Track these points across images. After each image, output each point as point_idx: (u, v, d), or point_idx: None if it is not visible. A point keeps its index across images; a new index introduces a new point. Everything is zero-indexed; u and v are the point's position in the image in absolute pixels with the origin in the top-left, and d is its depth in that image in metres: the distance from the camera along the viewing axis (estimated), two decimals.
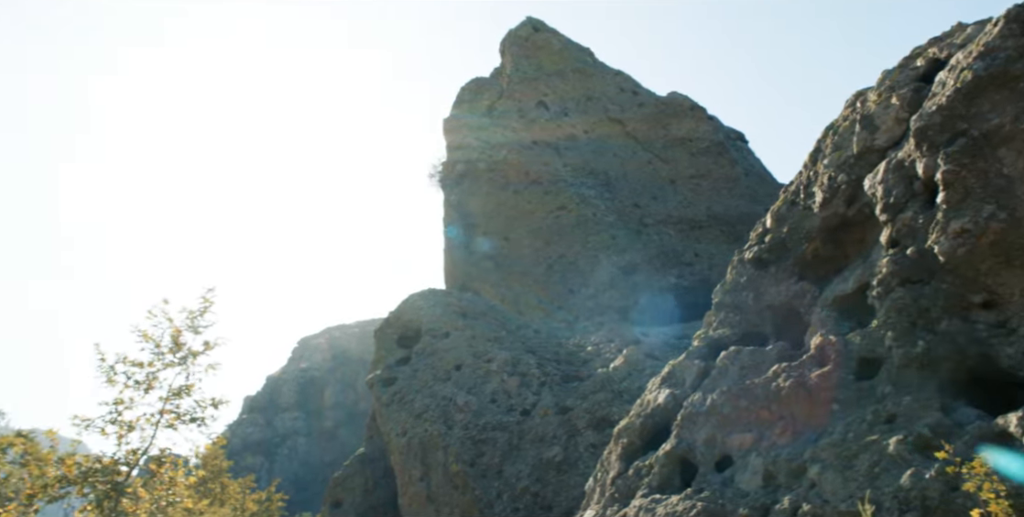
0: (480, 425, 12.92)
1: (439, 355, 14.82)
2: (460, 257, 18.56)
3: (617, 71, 20.90)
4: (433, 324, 15.64)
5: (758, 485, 6.69)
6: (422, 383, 14.57)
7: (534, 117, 19.81)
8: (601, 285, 17.04)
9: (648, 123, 19.72)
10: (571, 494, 11.07)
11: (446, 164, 19.80)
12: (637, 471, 8.32)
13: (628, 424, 8.91)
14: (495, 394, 13.28)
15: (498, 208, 18.54)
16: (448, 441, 12.99)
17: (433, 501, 12.95)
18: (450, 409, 13.55)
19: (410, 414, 14.20)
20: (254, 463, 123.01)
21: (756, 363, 7.72)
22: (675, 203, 18.41)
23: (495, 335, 14.76)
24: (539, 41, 21.13)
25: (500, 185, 18.58)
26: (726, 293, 9.03)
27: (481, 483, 12.13)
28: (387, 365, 15.75)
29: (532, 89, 20.41)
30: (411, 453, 13.70)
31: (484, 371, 13.81)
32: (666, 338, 13.75)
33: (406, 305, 16.56)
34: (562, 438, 11.80)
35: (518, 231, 18.31)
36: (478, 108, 20.28)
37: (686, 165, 19.21)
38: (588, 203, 17.95)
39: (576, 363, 13.71)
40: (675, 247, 17.50)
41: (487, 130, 19.43)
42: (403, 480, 13.99)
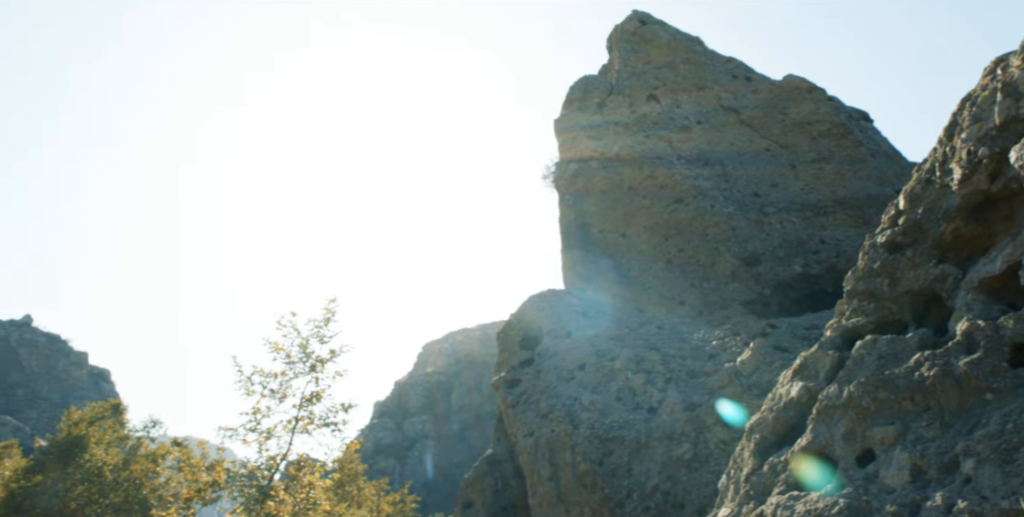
0: (607, 424, 12.83)
1: (562, 355, 14.81)
2: (578, 255, 18.51)
3: (728, 58, 20.33)
4: (554, 325, 15.65)
5: (905, 481, 6.33)
6: (546, 384, 14.60)
7: (645, 111, 19.53)
8: (723, 278, 16.59)
9: (764, 109, 19.07)
10: (703, 492, 10.82)
11: (559, 164, 19.80)
12: (772, 467, 8.03)
13: (760, 419, 8.62)
14: (620, 392, 13.15)
15: (613, 205, 18.38)
16: (575, 440, 12.96)
17: (563, 500, 12.94)
18: (575, 409, 13.51)
19: (536, 415, 14.24)
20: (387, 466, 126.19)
21: (896, 352, 7.31)
22: (797, 189, 17.72)
23: (617, 333, 14.63)
24: (646, 34, 20.82)
25: (614, 182, 18.41)
26: (858, 280, 8.60)
27: (610, 482, 12.04)
28: (511, 367, 15.87)
29: (642, 83, 20.13)
30: (539, 453, 13.74)
31: (608, 370, 13.71)
32: (794, 329, 13.24)
33: (526, 307, 16.66)
34: (691, 435, 11.56)
35: (635, 227, 18.08)
36: (588, 106, 20.17)
37: (807, 149, 18.46)
38: (705, 195, 17.53)
39: (701, 358, 13.40)
40: (799, 235, 16.84)
41: (598, 127, 19.31)
42: (532, 480, 14.05)
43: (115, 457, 32.89)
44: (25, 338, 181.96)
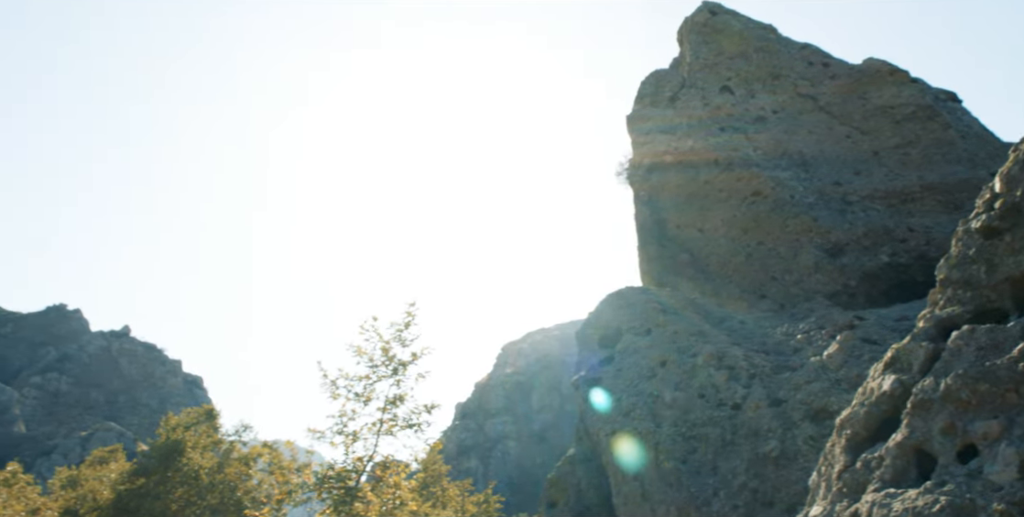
0: (690, 421, 12.63)
1: (642, 353, 14.65)
2: (654, 252, 18.27)
3: (804, 44, 19.76)
4: (633, 322, 15.49)
5: (1013, 477, 6.02)
6: (627, 382, 14.46)
7: (719, 103, 19.16)
8: (806, 270, 16.14)
9: (843, 95, 18.46)
10: (792, 489, 10.54)
11: (632, 160, 19.59)
12: (866, 464, 7.75)
13: (851, 414, 8.33)
14: (703, 389, 12.92)
15: (689, 200, 18.09)
16: (658, 438, 12.80)
17: (648, 499, 12.79)
18: (658, 406, 13.35)
19: (618, 413, 14.13)
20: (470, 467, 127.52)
21: (996, 342, 6.96)
22: (881, 176, 17.08)
23: (698, 329, 14.39)
24: (717, 24, 20.43)
25: (689, 176, 18.11)
26: (952, 268, 8.23)
27: (695, 480, 11.84)
28: (591, 366, 15.79)
29: (714, 74, 19.76)
30: None
31: (690, 366, 13.49)
32: (884, 321, 12.77)
33: (604, 305, 16.54)
34: (777, 431, 11.27)
35: (712, 221, 17.75)
36: (660, 100, 19.90)
37: (890, 134, 17.78)
38: (784, 186, 17.08)
39: (786, 353, 13.06)
40: (885, 223, 16.23)
41: (671, 121, 19.03)
42: (616, 479, 13.94)
43: (210, 460, 34.10)
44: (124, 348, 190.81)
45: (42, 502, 31.80)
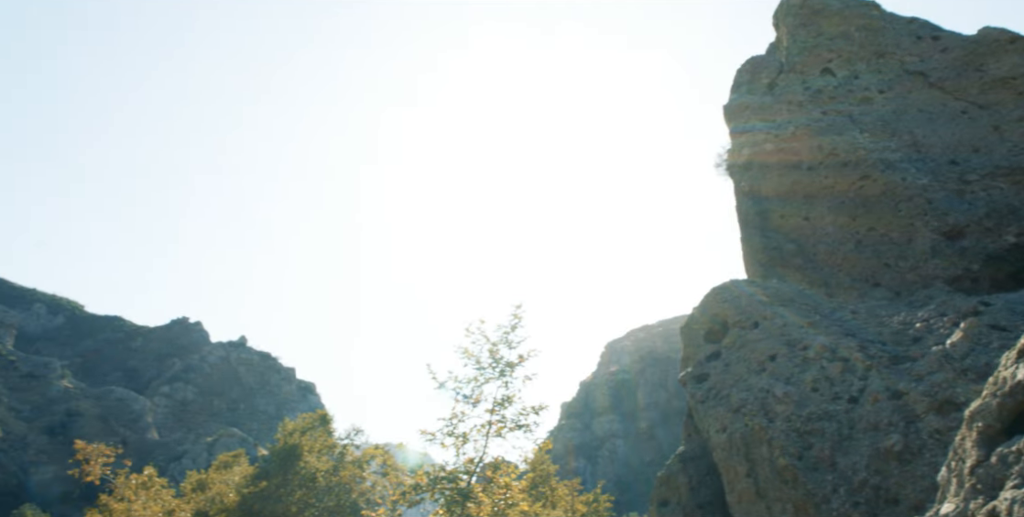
0: (804, 416, 12.19)
1: (750, 347, 14.24)
2: (758, 243, 17.75)
3: (910, 18, 18.78)
4: (740, 316, 15.09)
5: None
6: (736, 377, 14.09)
7: (820, 87, 18.43)
8: (922, 255, 15.33)
9: (956, 69, 17.44)
10: (919, 485, 10.00)
11: (731, 150, 19.09)
12: (1002, 459, 7.28)
13: (982, 406, 7.85)
14: (816, 382, 12.45)
15: (793, 188, 17.47)
16: (771, 434, 12.42)
17: (763, 497, 12.42)
18: (769, 401, 12.95)
19: (728, 409, 13.78)
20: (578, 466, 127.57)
21: None
22: (1003, 152, 16.05)
23: (808, 321, 13.88)
24: (815, 5, 19.66)
25: (792, 164, 17.50)
26: None
27: (812, 477, 11.41)
28: (697, 361, 15.47)
29: (814, 57, 19.03)
30: (733, 449, 13.28)
31: (801, 359, 13.03)
32: (1013, 306, 11.99)
33: (709, 299, 16.17)
34: (899, 425, 10.73)
35: (818, 209, 17.09)
36: (757, 88, 19.32)
37: (1012, 107, 16.67)
38: (895, 168, 16.27)
39: (904, 343, 12.43)
40: (1010, 202, 15.23)
41: (770, 109, 18.43)
42: (729, 477, 13.60)
43: (326, 464, 35.23)
44: (242, 357, 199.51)
45: (176, 504, 33.56)
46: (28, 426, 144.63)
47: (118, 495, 30.72)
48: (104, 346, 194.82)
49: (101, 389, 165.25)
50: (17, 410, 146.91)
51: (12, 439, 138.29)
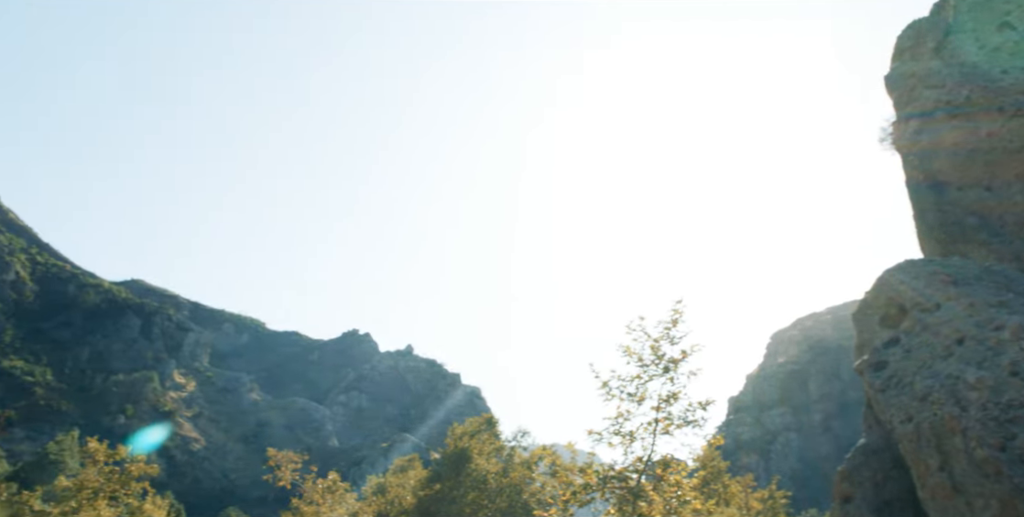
0: (1003, 403, 11.14)
1: (932, 330, 13.21)
2: (934, 219, 16.46)
3: None
4: (919, 298, 14.03)
5: None
6: (919, 363, 13.10)
7: (997, 43, 16.87)
8: None
9: None
10: None
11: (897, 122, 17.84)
12: None
13: None
14: (1015, 366, 11.36)
15: (971, 156, 16.07)
16: (965, 424, 11.43)
17: (961, 492, 11.46)
18: (960, 388, 11.93)
19: (912, 398, 12.84)
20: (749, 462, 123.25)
21: None
22: None
23: (998, 300, 12.70)
24: None
25: (968, 130, 16.11)
26: None
27: (1019, 469, 10.41)
28: (874, 348, 14.52)
29: (987, 12, 17.44)
30: (922, 441, 12.34)
31: (994, 342, 11.93)
32: None
33: (882, 282, 15.15)
34: None
35: (1001, 178, 15.63)
36: (922, 53, 17.94)
37: None
38: None
39: None
40: None
41: (939, 74, 17.07)
42: (919, 471, 12.65)
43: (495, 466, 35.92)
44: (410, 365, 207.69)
45: (359, 506, 35.31)
46: (226, 435, 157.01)
47: (307, 499, 32.68)
48: (285, 360, 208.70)
49: (285, 400, 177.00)
50: (216, 421, 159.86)
51: (214, 447, 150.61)
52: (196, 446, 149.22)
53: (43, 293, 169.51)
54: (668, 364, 17.90)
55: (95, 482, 30.42)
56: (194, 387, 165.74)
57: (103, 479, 30.61)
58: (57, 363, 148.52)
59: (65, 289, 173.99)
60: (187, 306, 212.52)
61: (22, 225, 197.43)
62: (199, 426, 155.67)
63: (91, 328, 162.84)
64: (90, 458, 31.23)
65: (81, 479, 31.05)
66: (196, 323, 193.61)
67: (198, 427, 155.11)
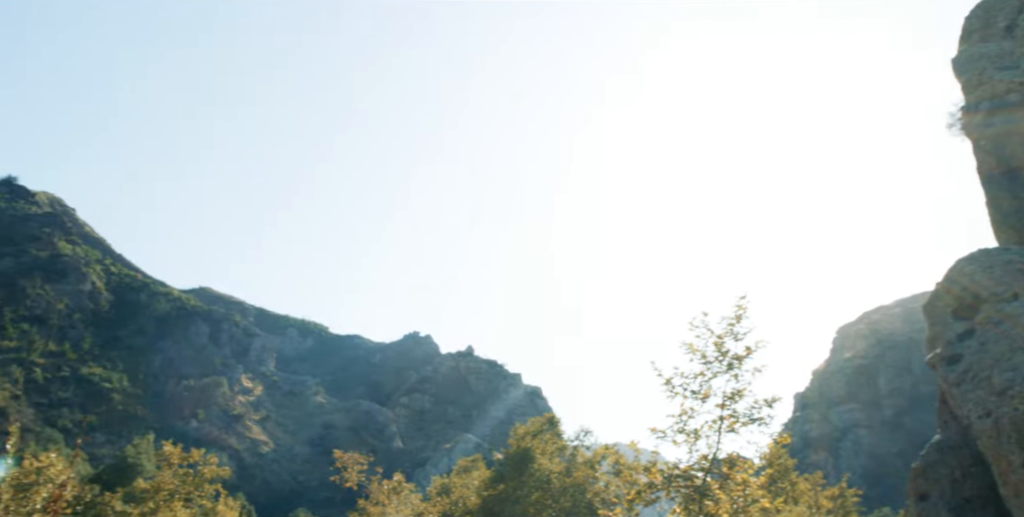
0: None
1: (1011, 322, 12.70)
2: (1010, 207, 15.85)
3: None
4: (995, 288, 13.51)
5: None
6: (996, 356, 12.61)
7: None
8: None
9: None
10: None
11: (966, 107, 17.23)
12: None
13: None
14: None
15: None
16: None
17: None
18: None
19: (990, 392, 12.37)
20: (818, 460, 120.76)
21: None
22: None
23: None
24: None
25: None
26: None
27: None
28: (947, 341, 14.03)
29: None
30: (1002, 436, 11.86)
31: None
32: None
33: (955, 272, 14.64)
34: None
35: None
36: (992, 33, 17.27)
37: None
38: None
39: None
40: None
41: (1011, 55, 16.41)
42: (1000, 467, 12.17)
43: (558, 465, 35.84)
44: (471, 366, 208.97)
45: (424, 507, 35.62)
46: (294, 438, 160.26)
47: (373, 499, 33.11)
48: (348, 363, 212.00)
49: (350, 403, 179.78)
50: (283, 424, 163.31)
51: (282, 450, 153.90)
52: (265, 449, 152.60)
53: (117, 302, 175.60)
54: (732, 361, 17.61)
55: (171, 484, 31.32)
56: (261, 391, 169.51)
57: (178, 481, 31.50)
58: (132, 369, 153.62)
59: (137, 298, 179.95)
60: (252, 312, 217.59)
61: (97, 237, 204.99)
62: (267, 429, 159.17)
63: (162, 335, 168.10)
64: (165, 461, 32.16)
65: (158, 481, 32.00)
66: (262, 329, 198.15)
67: (266, 430, 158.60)
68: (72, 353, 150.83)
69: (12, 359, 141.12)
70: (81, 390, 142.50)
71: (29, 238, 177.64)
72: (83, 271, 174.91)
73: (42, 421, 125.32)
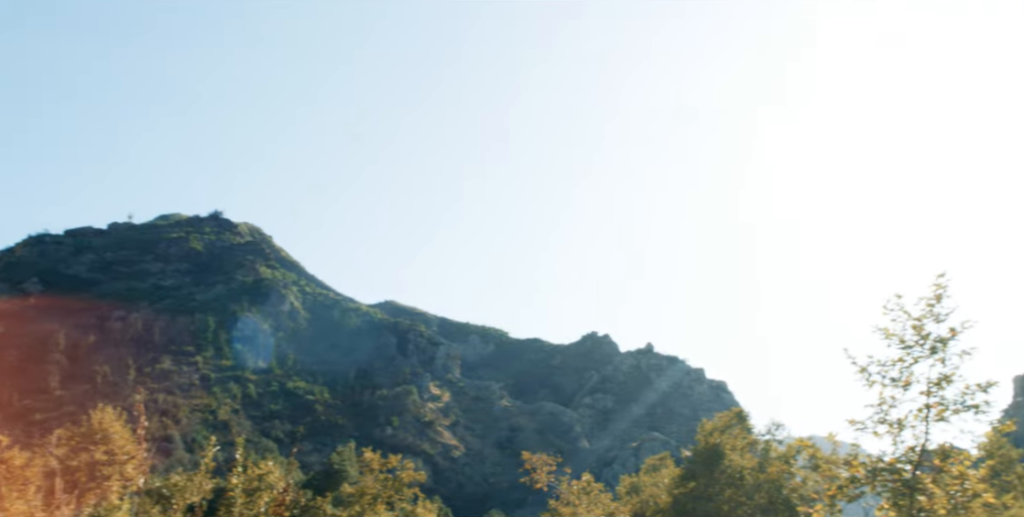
0: None
1: None
2: None
3: None
4: None
5: None
6: None
7: None
8: None
9: None
10: None
11: None
12: None
13: None
14: None
15: None
16: None
17: None
18: None
19: None
20: None
21: None
22: None
23: None
24: None
25: None
26: None
27: None
28: None
29: None
30: None
31: None
32: None
33: None
34: None
35: None
36: None
37: None
38: None
39: None
40: None
41: None
42: None
43: (750, 461, 34.71)
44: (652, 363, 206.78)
45: (615, 507, 35.61)
46: (482, 442, 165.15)
47: (564, 500, 33.49)
48: (529, 366, 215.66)
49: (534, 405, 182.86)
50: (472, 428, 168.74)
51: (472, 454, 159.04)
52: (456, 453, 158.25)
53: (314, 319, 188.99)
54: (935, 344, 16.34)
55: (373, 488, 33.18)
56: (449, 397, 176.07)
57: (380, 486, 33.32)
58: (331, 382, 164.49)
59: (331, 315, 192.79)
60: (435, 322, 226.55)
61: (292, 261, 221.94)
62: (457, 434, 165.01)
63: (355, 348, 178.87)
64: (367, 467, 34.12)
65: (362, 486, 34.02)
66: (445, 337, 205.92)
67: (456, 435, 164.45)
68: (278, 369, 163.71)
69: (230, 377, 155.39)
70: (289, 403, 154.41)
71: (235, 266, 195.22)
72: (282, 293, 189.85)
73: (259, 432, 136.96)
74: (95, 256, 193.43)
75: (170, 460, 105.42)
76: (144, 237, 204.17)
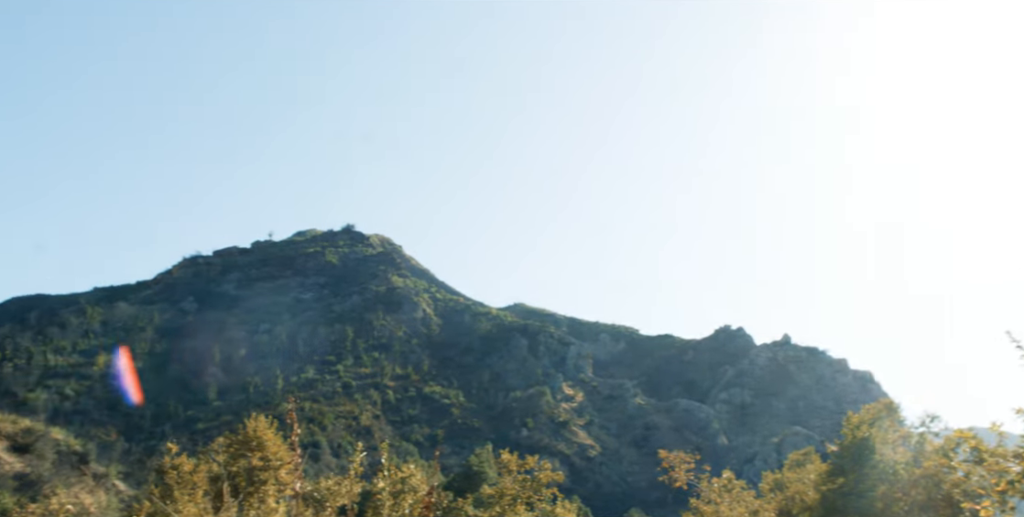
0: None
1: None
2: None
3: None
4: None
5: None
6: None
7: None
8: None
9: None
10: None
11: None
12: None
13: None
14: None
15: None
16: None
17: None
18: None
19: None
20: None
21: None
22: None
23: None
24: None
25: None
26: None
27: None
28: None
29: None
30: None
31: None
32: None
33: None
34: None
35: None
36: None
37: None
38: None
39: None
40: None
41: None
42: None
43: (903, 455, 33.03)
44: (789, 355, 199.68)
45: (759, 504, 34.64)
46: (618, 441, 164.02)
47: (704, 498, 32.88)
48: (661, 363, 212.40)
49: (668, 402, 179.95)
50: (607, 427, 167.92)
51: (608, 453, 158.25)
52: (592, 452, 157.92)
53: (446, 325, 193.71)
54: None
55: (512, 489, 33.64)
56: (582, 397, 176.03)
57: (518, 487, 33.78)
58: (465, 386, 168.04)
59: (462, 319, 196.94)
60: (564, 322, 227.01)
61: (422, 269, 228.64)
62: (592, 433, 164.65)
63: (488, 351, 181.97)
64: (505, 468, 34.66)
65: (501, 487, 34.56)
66: (575, 337, 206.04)
67: (591, 434, 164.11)
68: (415, 374, 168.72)
69: (369, 384, 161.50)
70: (426, 407, 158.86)
71: (369, 276, 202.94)
72: (414, 300, 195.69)
73: (399, 436, 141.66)
74: (241, 274, 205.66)
75: (319, 465, 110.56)
76: (284, 254, 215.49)
